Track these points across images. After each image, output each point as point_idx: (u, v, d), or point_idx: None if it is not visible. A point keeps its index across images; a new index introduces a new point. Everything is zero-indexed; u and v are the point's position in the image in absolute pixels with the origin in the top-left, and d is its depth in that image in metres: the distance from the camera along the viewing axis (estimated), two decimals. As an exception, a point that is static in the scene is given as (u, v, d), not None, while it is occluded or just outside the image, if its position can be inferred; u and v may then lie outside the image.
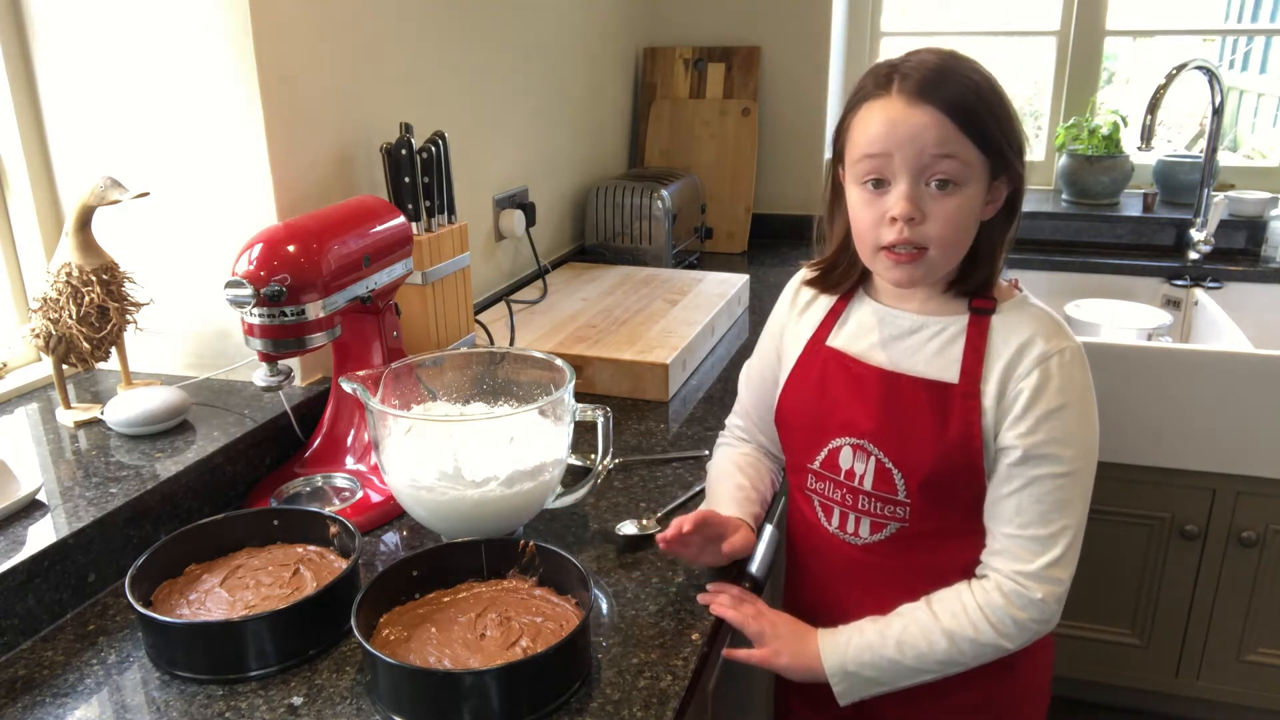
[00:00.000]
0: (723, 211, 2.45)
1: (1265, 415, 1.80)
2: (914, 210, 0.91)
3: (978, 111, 0.90)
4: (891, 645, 0.95)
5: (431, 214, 1.41)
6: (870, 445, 0.99)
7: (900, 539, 1.00)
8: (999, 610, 0.93)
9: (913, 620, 0.96)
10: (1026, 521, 0.93)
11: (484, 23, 1.74)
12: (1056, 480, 0.92)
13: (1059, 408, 0.92)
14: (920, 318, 0.99)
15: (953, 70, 0.90)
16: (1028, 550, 0.93)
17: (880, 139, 0.91)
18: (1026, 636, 0.94)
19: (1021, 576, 0.93)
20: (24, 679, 0.87)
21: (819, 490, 1.05)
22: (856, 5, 2.61)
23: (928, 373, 0.97)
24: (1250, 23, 2.91)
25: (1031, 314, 0.96)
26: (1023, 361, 0.93)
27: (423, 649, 0.86)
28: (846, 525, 1.03)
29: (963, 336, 0.96)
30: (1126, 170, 2.43)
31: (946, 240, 0.92)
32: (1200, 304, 2.20)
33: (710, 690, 1.09)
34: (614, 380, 1.49)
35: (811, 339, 1.06)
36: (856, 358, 1.02)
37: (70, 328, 1.16)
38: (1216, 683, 2.04)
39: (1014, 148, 0.93)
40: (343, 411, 1.21)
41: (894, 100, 0.90)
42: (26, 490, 1.01)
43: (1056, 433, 0.92)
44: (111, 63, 1.23)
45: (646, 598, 0.99)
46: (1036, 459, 0.92)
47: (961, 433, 0.94)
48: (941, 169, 0.90)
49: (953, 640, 0.94)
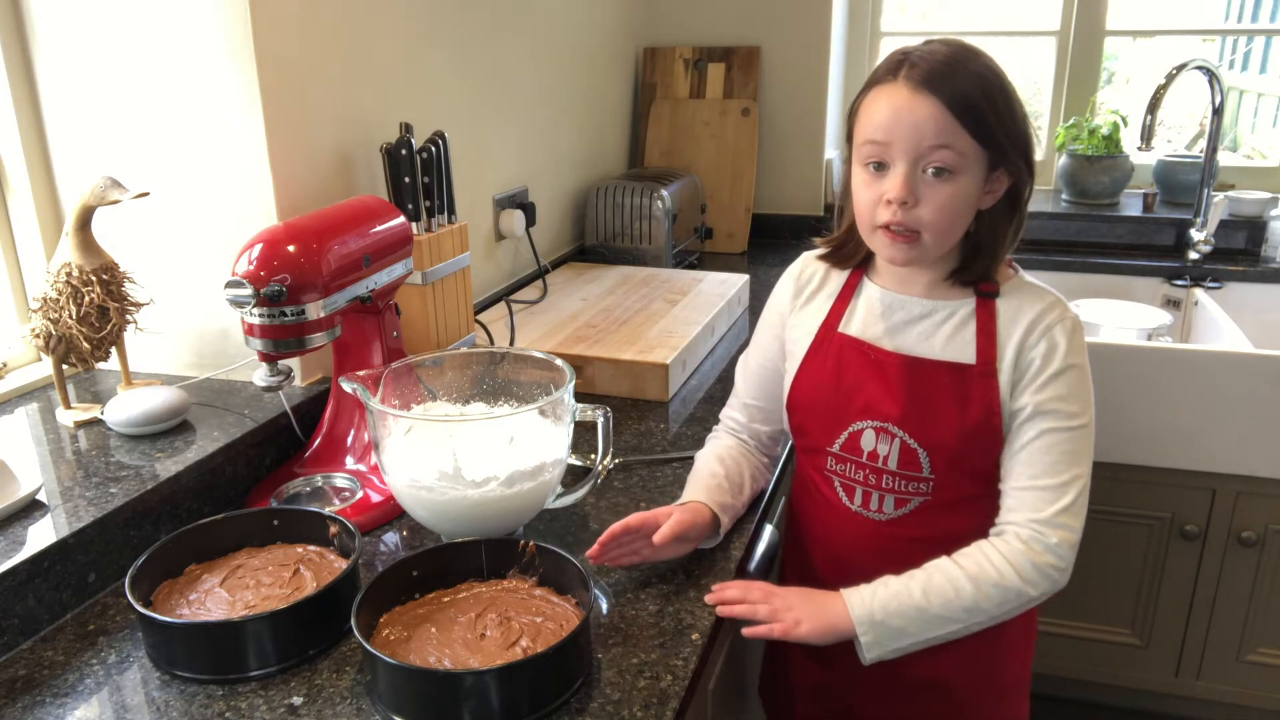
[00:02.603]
0: (723, 211, 2.45)
1: (1265, 415, 1.80)
2: (908, 194, 0.96)
3: (979, 106, 0.94)
4: (918, 592, 0.98)
5: (431, 214, 1.41)
6: (895, 428, 1.03)
7: (923, 510, 1.05)
8: (1020, 555, 0.97)
9: (936, 570, 0.99)
10: (1038, 472, 0.99)
11: (484, 23, 1.74)
12: (1064, 433, 0.98)
13: (1065, 368, 0.99)
14: (928, 302, 1.04)
15: (961, 64, 0.95)
16: (1041, 499, 0.98)
17: (883, 126, 0.96)
18: (1047, 585, 0.98)
19: (1036, 524, 0.98)
20: (24, 679, 0.87)
21: (839, 472, 1.08)
22: (856, 5, 2.61)
23: (946, 355, 1.02)
24: (1250, 23, 2.91)
25: (1032, 291, 1.03)
26: (1032, 334, 1.00)
27: (423, 649, 0.86)
28: (870, 503, 1.07)
29: (973, 320, 1.02)
30: (1126, 170, 2.43)
31: (938, 225, 0.97)
32: (1200, 304, 2.20)
33: (710, 690, 1.09)
34: (614, 380, 1.49)
35: (822, 327, 1.10)
36: (872, 343, 1.05)
37: (70, 328, 1.16)
38: (1216, 683, 2.04)
39: (1016, 143, 0.97)
40: (343, 411, 1.21)
41: (900, 88, 0.95)
42: (26, 490, 1.01)
43: (1062, 390, 0.99)
44: (111, 63, 1.23)
45: (646, 598, 0.99)
46: (1045, 414, 0.98)
47: (983, 409, 1.00)
48: (937, 158, 0.95)
49: (978, 585, 0.97)
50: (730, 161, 2.45)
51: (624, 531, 0.99)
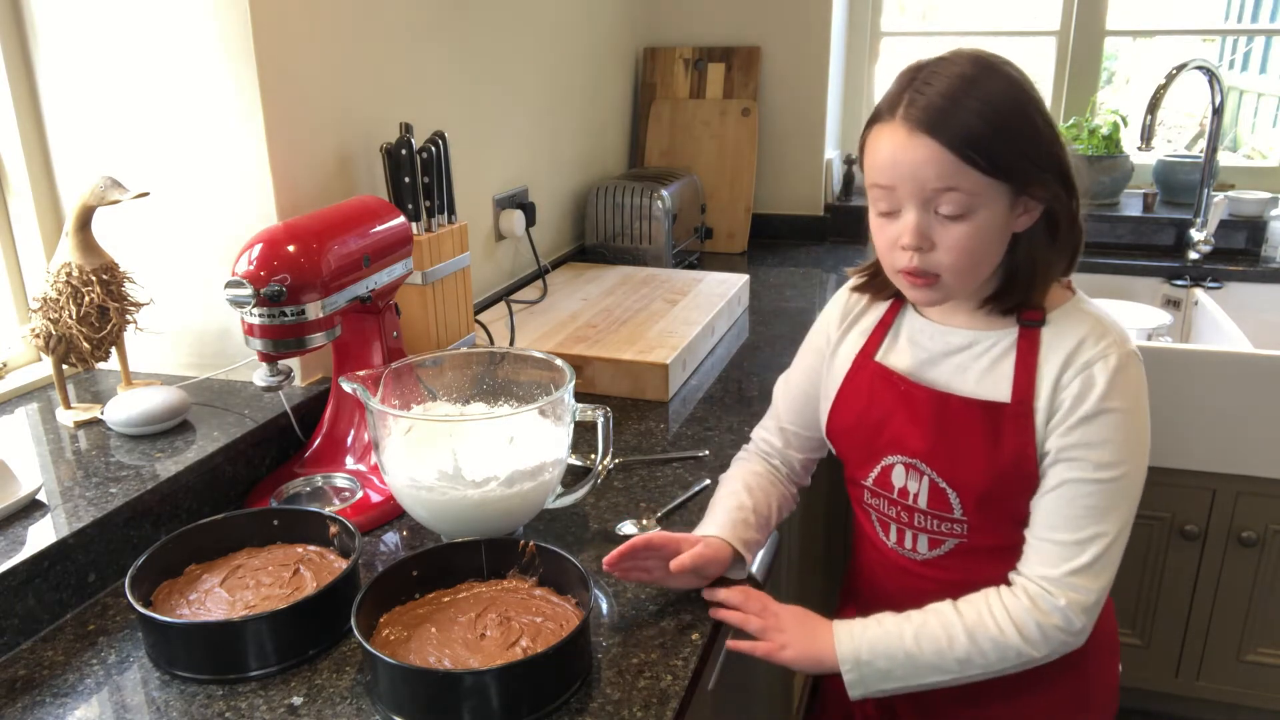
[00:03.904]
0: (723, 211, 2.45)
1: (1265, 415, 1.80)
2: (921, 240, 0.89)
3: (985, 141, 0.86)
4: (909, 637, 0.92)
5: (431, 214, 1.41)
6: (923, 465, 0.97)
7: (959, 553, 0.99)
8: (1024, 612, 0.91)
9: (934, 614, 0.94)
10: (1055, 524, 0.91)
11: (484, 23, 1.74)
12: (1089, 485, 0.90)
13: (1098, 412, 0.89)
14: (970, 333, 0.97)
15: (965, 95, 0.86)
16: (1055, 554, 0.91)
17: (885, 171, 0.90)
18: (1052, 646, 0.91)
19: (1046, 581, 0.91)
20: (24, 679, 0.87)
21: (875, 506, 1.04)
22: (856, 5, 2.61)
23: (979, 392, 0.95)
24: (1250, 23, 2.91)
25: (1080, 319, 0.93)
26: (1068, 370, 0.91)
27: (423, 649, 0.86)
28: (904, 541, 1.02)
29: (1013, 352, 0.94)
30: (1126, 170, 2.43)
31: (958, 267, 0.90)
32: (1200, 304, 2.20)
33: (710, 690, 1.09)
34: (614, 380, 1.49)
35: (860, 354, 1.05)
36: (905, 375, 1.00)
37: (70, 328, 1.16)
38: (1216, 683, 2.04)
39: (1042, 164, 0.90)
40: (343, 411, 1.21)
41: (898, 129, 0.88)
42: (26, 490, 1.01)
43: (1091, 436, 0.89)
44: (111, 63, 1.23)
45: (646, 598, 0.99)
46: (1068, 461, 0.90)
47: (1016, 451, 0.92)
48: (945, 200, 0.88)
49: (973, 638, 0.91)
50: (730, 161, 2.45)
51: (646, 547, 0.95)
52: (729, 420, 1.41)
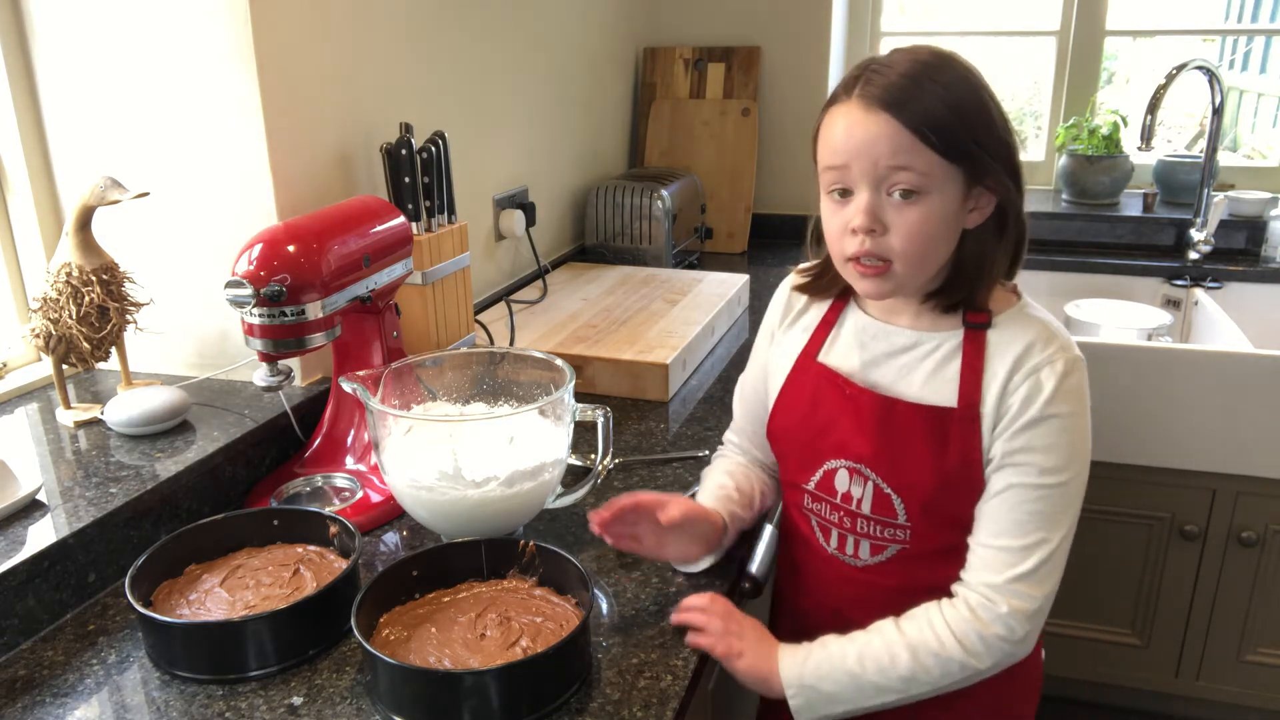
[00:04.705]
0: (723, 211, 2.45)
1: (1265, 415, 1.80)
2: (873, 222, 0.88)
3: (943, 120, 0.85)
4: (852, 658, 0.91)
5: (431, 214, 1.41)
6: (867, 470, 0.96)
7: (901, 559, 0.98)
8: (965, 623, 0.89)
9: (877, 634, 0.92)
10: (999, 530, 0.90)
11: (484, 23, 1.74)
12: (1034, 490, 0.89)
13: (1044, 417, 0.88)
14: (914, 334, 0.95)
15: (922, 77, 0.86)
16: (998, 560, 0.89)
17: (839, 149, 0.88)
18: (996, 657, 0.89)
19: (988, 588, 0.89)
20: (24, 679, 0.87)
21: (816, 511, 1.02)
22: (856, 5, 2.61)
23: (924, 397, 0.93)
24: (1250, 23, 2.91)
25: (1027, 324, 0.92)
26: (1016, 374, 0.90)
27: (423, 649, 0.86)
28: (845, 547, 1.00)
29: (958, 355, 0.93)
30: (1126, 170, 2.43)
31: (910, 253, 0.89)
32: (1200, 304, 2.20)
33: (710, 690, 1.09)
34: (614, 380, 1.49)
35: (802, 354, 1.03)
36: (849, 378, 0.98)
37: (70, 328, 1.16)
38: (1216, 683, 2.04)
39: (996, 156, 0.88)
40: (343, 411, 1.21)
41: (853, 107, 0.87)
42: (26, 490, 1.01)
43: (1036, 441, 0.89)
44: (111, 63, 1.23)
45: (646, 598, 0.99)
46: (1014, 466, 0.89)
47: (962, 456, 0.91)
48: (899, 180, 0.86)
49: (915, 654, 0.89)
50: (730, 161, 2.45)
51: (634, 506, 0.95)
52: (729, 420, 1.40)
